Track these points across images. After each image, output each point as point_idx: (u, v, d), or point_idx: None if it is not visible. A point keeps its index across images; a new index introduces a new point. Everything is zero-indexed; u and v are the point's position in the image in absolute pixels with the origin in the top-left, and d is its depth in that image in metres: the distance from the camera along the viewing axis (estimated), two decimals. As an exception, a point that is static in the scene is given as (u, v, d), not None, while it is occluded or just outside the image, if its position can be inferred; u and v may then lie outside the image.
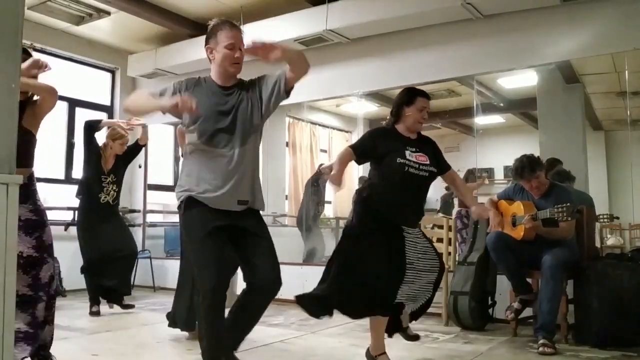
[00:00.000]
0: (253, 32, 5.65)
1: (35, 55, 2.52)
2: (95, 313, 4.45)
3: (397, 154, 2.76)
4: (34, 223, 2.43)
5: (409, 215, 2.83)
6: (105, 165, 4.52)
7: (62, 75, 6.29)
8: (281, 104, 2.61)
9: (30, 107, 2.50)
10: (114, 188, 4.58)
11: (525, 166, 3.53)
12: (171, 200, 7.63)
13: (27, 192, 2.44)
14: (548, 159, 4.28)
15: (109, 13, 5.58)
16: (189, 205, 2.32)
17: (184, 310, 3.48)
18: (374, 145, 2.85)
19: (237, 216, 2.34)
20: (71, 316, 4.38)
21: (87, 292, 4.59)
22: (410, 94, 2.88)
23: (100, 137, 4.63)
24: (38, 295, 2.39)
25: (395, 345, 3.44)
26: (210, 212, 2.28)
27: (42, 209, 2.51)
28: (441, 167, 2.93)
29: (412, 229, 2.82)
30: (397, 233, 2.77)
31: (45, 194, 5.84)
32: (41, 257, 2.42)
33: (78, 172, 4.79)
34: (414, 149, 2.82)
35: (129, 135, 4.62)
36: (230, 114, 2.35)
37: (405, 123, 2.87)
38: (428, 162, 2.82)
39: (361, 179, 7.21)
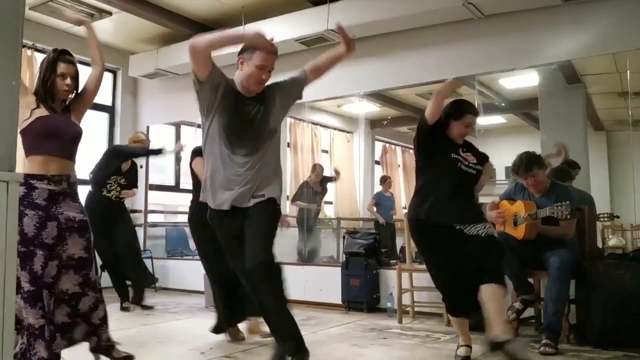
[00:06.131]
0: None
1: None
2: (125, 309, 4.63)
3: (452, 149, 2.93)
4: (85, 224, 2.53)
5: (456, 212, 2.84)
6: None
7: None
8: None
9: (77, 100, 2.72)
10: (117, 189, 4.68)
11: (523, 163, 3.55)
12: (172, 200, 7.65)
13: (76, 191, 2.56)
14: (569, 161, 4.30)
15: (110, 13, 5.58)
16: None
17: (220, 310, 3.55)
18: (436, 133, 2.93)
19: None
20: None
21: (115, 290, 4.77)
22: (459, 110, 2.96)
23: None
24: (84, 291, 2.51)
25: (396, 345, 3.44)
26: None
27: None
28: (481, 162, 3.05)
29: (463, 225, 2.80)
30: (447, 233, 2.83)
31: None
32: (90, 257, 2.54)
33: (79, 170, 4.83)
34: (463, 149, 2.98)
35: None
36: (252, 124, 2.51)
37: (450, 134, 2.98)
38: (476, 161, 2.97)
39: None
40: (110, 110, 6.88)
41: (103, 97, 6.84)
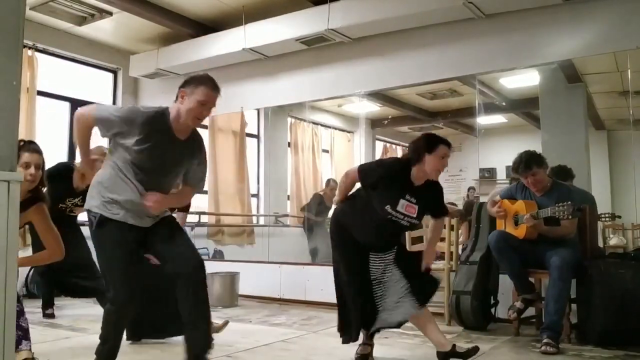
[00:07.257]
0: (255, 32, 5.68)
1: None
2: (50, 315, 4.24)
3: (390, 201, 2.82)
4: None
5: (375, 245, 2.95)
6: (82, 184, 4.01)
7: (64, 76, 6.31)
8: (283, 104, 2.63)
9: (36, 208, 2.49)
10: (72, 207, 4.17)
11: (522, 162, 3.54)
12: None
13: None
14: (558, 167, 4.27)
15: (111, 13, 5.58)
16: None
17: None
18: (377, 182, 2.87)
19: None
20: (73, 316, 4.39)
21: (41, 296, 4.34)
22: (432, 142, 2.83)
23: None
24: None
25: (396, 344, 3.44)
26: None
27: None
28: (433, 214, 2.99)
29: (379, 254, 2.95)
30: (363, 250, 2.94)
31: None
32: None
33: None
34: (410, 198, 2.83)
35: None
36: (172, 168, 2.47)
37: (425, 168, 2.83)
38: (414, 215, 2.85)
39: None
40: (110, 110, 6.87)
41: (104, 97, 6.84)
